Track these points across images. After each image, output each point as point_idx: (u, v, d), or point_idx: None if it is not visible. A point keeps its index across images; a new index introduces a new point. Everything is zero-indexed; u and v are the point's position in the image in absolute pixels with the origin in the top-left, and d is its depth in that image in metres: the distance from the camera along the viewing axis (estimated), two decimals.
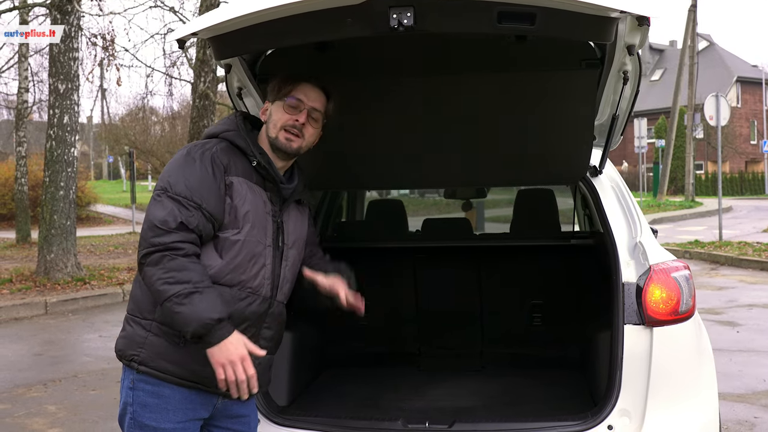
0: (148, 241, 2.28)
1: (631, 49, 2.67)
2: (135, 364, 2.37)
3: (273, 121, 2.54)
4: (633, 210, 3.37)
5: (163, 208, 2.30)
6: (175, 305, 2.22)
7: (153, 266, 2.26)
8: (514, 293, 4.42)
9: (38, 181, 19.21)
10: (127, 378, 2.41)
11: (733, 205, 30.24)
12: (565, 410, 3.20)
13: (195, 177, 2.35)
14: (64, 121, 11.43)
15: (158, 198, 2.34)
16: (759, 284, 11.42)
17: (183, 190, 2.32)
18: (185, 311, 2.21)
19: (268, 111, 2.58)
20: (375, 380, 4.00)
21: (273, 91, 2.58)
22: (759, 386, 5.96)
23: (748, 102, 52.59)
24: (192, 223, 2.30)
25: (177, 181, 2.34)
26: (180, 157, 2.42)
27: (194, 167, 2.37)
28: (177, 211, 2.29)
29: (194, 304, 2.21)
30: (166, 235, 2.27)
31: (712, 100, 16.64)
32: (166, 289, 2.22)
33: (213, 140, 2.48)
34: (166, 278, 2.23)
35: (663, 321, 2.83)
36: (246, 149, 2.47)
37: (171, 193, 2.32)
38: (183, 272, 2.24)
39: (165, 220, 2.28)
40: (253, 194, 2.46)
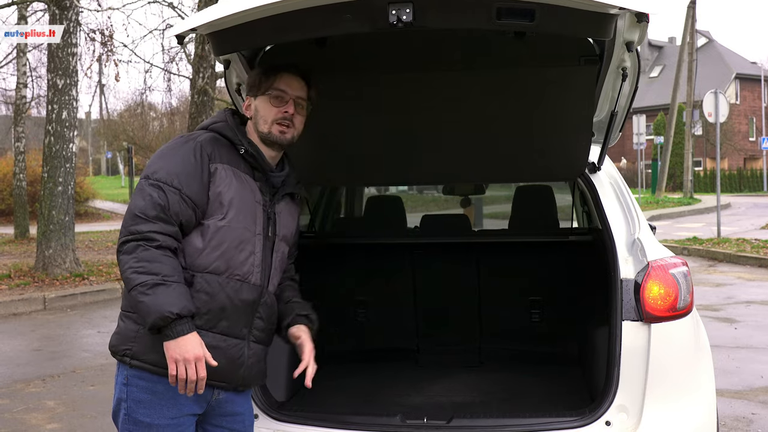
0: (127, 229, 2.32)
1: (629, 46, 2.68)
2: (127, 358, 2.38)
3: (262, 117, 2.55)
4: (631, 206, 3.37)
5: (144, 196, 2.34)
6: (139, 294, 2.24)
7: (127, 254, 2.29)
8: (513, 289, 4.43)
9: (37, 176, 19.19)
10: (121, 374, 2.41)
11: (731, 202, 30.25)
12: (563, 406, 3.20)
13: (176, 163, 2.39)
14: (63, 116, 11.41)
15: (140, 187, 2.38)
16: (757, 281, 11.43)
17: (163, 176, 2.36)
18: (147, 301, 2.23)
19: (252, 107, 2.59)
20: (373, 376, 4.01)
21: (253, 86, 2.59)
22: (757, 383, 5.97)
23: (747, 99, 52.59)
24: (172, 208, 2.33)
25: (158, 168, 2.38)
26: (164, 147, 2.48)
27: (177, 155, 2.41)
28: (157, 198, 2.32)
29: (157, 295, 2.23)
30: (143, 223, 2.30)
31: (711, 96, 16.64)
32: (134, 277, 2.25)
33: (200, 131, 2.52)
34: (137, 267, 2.26)
35: (661, 317, 2.84)
36: (233, 138, 2.50)
37: (152, 180, 2.36)
38: (154, 264, 2.26)
39: (144, 208, 2.32)
40: (239, 181, 2.47)
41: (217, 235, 2.41)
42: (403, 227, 4.92)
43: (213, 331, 2.39)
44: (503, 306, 4.43)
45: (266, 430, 2.98)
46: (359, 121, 3.34)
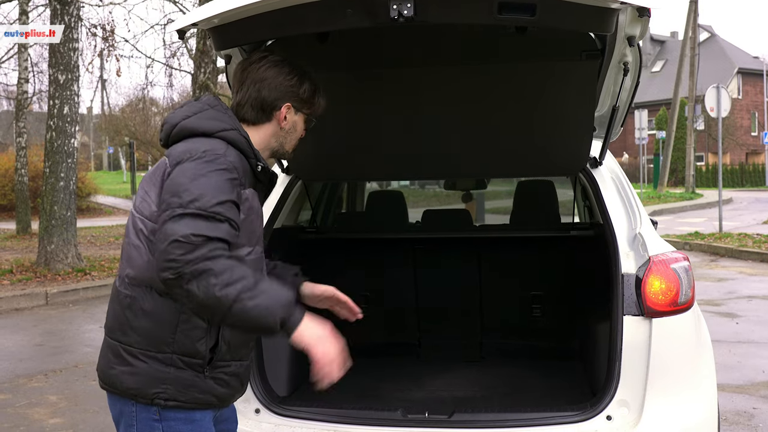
0: (177, 260, 1.96)
1: (631, 41, 2.67)
2: (160, 401, 2.14)
3: (295, 135, 2.36)
4: (633, 201, 3.37)
5: (188, 225, 1.99)
6: (247, 301, 1.96)
7: (196, 279, 1.96)
8: (514, 284, 4.43)
9: (38, 171, 19.20)
10: (148, 410, 2.17)
11: (733, 197, 30.24)
12: (564, 400, 3.21)
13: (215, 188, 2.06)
14: (64, 111, 11.41)
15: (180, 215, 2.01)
16: (759, 276, 11.43)
17: (207, 204, 2.02)
18: (261, 301, 1.98)
19: (290, 121, 2.32)
20: (375, 371, 4.01)
21: (305, 101, 2.32)
22: (758, 377, 5.97)
23: (749, 93, 52.50)
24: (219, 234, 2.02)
25: (199, 193, 2.04)
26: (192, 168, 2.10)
27: (212, 177, 2.08)
28: (204, 228, 2.00)
29: (266, 291, 1.99)
30: (198, 249, 1.97)
31: (713, 91, 16.62)
32: (228, 292, 1.95)
33: (216, 143, 2.17)
34: (222, 282, 1.96)
35: (662, 312, 2.84)
36: (249, 153, 2.22)
37: (194, 208, 2.02)
38: (235, 269, 1.98)
39: (195, 232, 1.98)
40: (258, 203, 2.27)
41: None
42: (405, 222, 4.93)
43: (236, 360, 2.27)
44: (504, 301, 4.43)
45: (268, 424, 2.99)
46: (361, 116, 3.34)
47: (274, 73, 2.28)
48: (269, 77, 2.28)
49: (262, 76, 2.28)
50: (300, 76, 2.31)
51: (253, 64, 2.30)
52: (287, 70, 2.29)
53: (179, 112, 2.28)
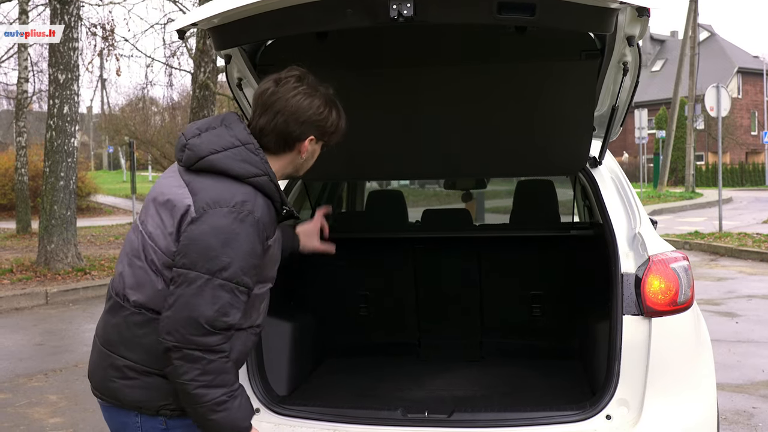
0: (185, 337, 2.02)
1: (630, 40, 2.68)
2: (167, 411, 2.19)
3: (312, 161, 2.35)
4: (632, 201, 3.37)
5: (213, 301, 2.03)
6: (209, 412, 2.06)
7: (187, 362, 2.04)
8: (514, 284, 4.43)
9: (38, 171, 19.20)
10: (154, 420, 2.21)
11: (733, 197, 30.24)
12: (564, 400, 3.21)
13: (244, 254, 2.07)
14: (64, 111, 11.42)
15: (205, 283, 2.03)
16: (758, 275, 11.43)
17: (235, 274, 2.05)
18: (220, 419, 2.07)
19: (310, 150, 2.29)
20: (375, 370, 4.02)
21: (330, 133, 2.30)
22: (758, 377, 5.98)
23: (749, 93, 52.50)
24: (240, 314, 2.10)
25: (227, 262, 2.04)
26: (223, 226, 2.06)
27: (240, 239, 2.06)
28: (227, 307, 2.05)
29: (230, 411, 2.08)
30: (209, 336, 2.04)
31: (713, 90, 16.62)
32: (203, 393, 2.04)
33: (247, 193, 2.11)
34: (203, 381, 2.04)
35: (661, 311, 2.84)
36: (276, 198, 2.20)
37: (222, 279, 2.04)
38: (222, 376, 2.06)
39: (212, 321, 2.03)
40: (280, 245, 2.32)
41: (255, 301, 2.24)
42: (405, 222, 4.93)
43: None
44: (504, 300, 4.43)
45: (267, 424, 2.99)
46: (360, 115, 3.34)
47: (306, 105, 2.20)
48: (300, 109, 2.20)
49: (292, 108, 2.19)
50: (329, 108, 2.26)
51: (284, 91, 2.19)
52: (318, 102, 2.22)
53: (206, 143, 2.16)
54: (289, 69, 2.24)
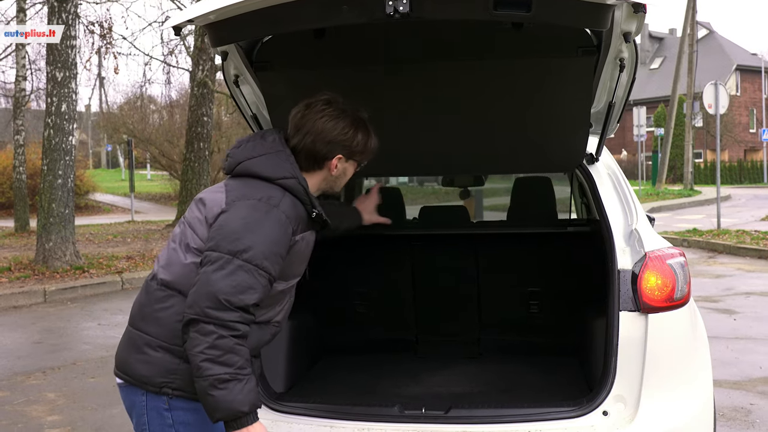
0: (203, 310, 2.15)
1: (627, 37, 2.67)
2: (168, 390, 2.28)
3: (344, 179, 2.52)
4: (629, 197, 3.38)
5: (231, 278, 2.17)
6: (210, 387, 2.13)
7: (200, 335, 2.14)
8: (511, 281, 4.43)
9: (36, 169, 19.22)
10: (158, 400, 2.30)
11: (731, 194, 30.25)
12: (561, 396, 3.21)
13: (266, 240, 2.22)
14: (62, 109, 11.41)
15: (226, 261, 2.18)
16: (757, 272, 11.45)
17: (255, 257, 2.19)
18: (218, 396, 2.13)
19: (341, 168, 2.46)
20: (372, 367, 4.02)
21: (359, 152, 2.47)
22: (755, 373, 5.99)
23: (748, 90, 52.52)
24: (257, 297, 2.20)
25: (249, 245, 2.20)
26: (246, 215, 2.25)
27: (264, 228, 2.24)
28: (245, 286, 2.17)
29: (229, 391, 2.13)
30: (225, 311, 2.15)
31: (711, 88, 16.63)
32: (207, 367, 2.12)
33: (273, 191, 2.31)
34: (210, 355, 2.13)
35: (658, 308, 2.84)
36: (306, 201, 2.37)
37: (242, 260, 2.19)
38: (229, 354, 2.14)
39: (229, 296, 2.15)
40: (310, 245, 2.44)
41: (273, 297, 2.36)
42: (402, 219, 4.93)
43: None
44: (502, 297, 4.44)
45: (265, 420, 2.96)
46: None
47: (330, 126, 2.40)
48: (326, 130, 2.39)
49: (319, 128, 2.39)
50: (355, 129, 2.44)
51: (312, 114, 2.41)
52: (343, 124, 2.41)
53: (243, 151, 2.40)
54: (321, 94, 2.45)
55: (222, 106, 24.54)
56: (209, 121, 16.48)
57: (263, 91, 3.18)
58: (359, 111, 2.48)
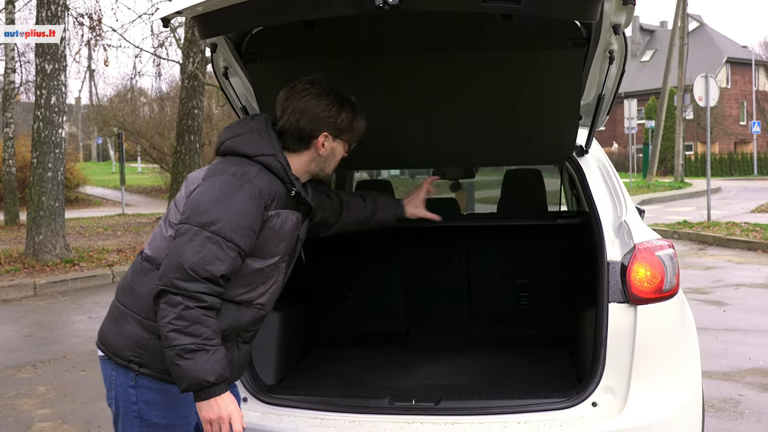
0: (171, 281, 2.18)
1: (616, 29, 2.67)
2: (135, 365, 2.31)
3: (335, 159, 2.54)
4: (618, 190, 3.38)
5: (198, 249, 2.20)
6: (176, 356, 2.16)
7: (169, 306, 2.18)
8: (502, 273, 4.44)
9: (26, 162, 19.10)
10: (125, 376, 2.34)
11: (722, 186, 30.38)
12: (550, 388, 3.23)
13: (235, 213, 2.25)
14: (52, 101, 11.35)
15: (194, 235, 2.21)
16: (746, 264, 11.50)
17: (222, 229, 2.22)
18: (184, 366, 2.16)
19: (329, 148, 2.50)
20: (363, 359, 4.03)
21: (345, 129, 2.50)
22: (744, 364, 6.02)
23: (738, 83, 52.68)
24: (225, 268, 2.21)
25: (217, 217, 2.23)
26: (217, 188, 2.29)
27: (234, 201, 2.26)
28: (212, 257, 2.19)
29: (195, 361, 2.15)
30: (192, 282, 2.18)
31: (702, 80, 16.67)
32: (174, 337, 2.16)
33: (250, 166, 2.35)
34: (177, 325, 2.16)
35: (647, 299, 2.85)
36: (285, 178, 2.39)
37: (210, 231, 2.22)
38: (195, 325, 2.16)
39: (195, 267, 2.18)
40: (289, 224, 2.42)
41: (251, 275, 2.37)
42: None
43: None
44: (492, 289, 4.44)
45: (255, 413, 3.00)
46: None
47: (313, 104, 2.44)
48: (309, 108, 2.44)
49: (302, 106, 2.44)
50: (339, 106, 2.47)
51: (296, 94, 2.45)
52: (326, 101, 2.45)
53: (230, 130, 2.47)
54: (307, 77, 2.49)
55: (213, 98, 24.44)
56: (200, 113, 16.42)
57: (252, 83, 3.17)
58: (345, 93, 2.52)
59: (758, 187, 30.28)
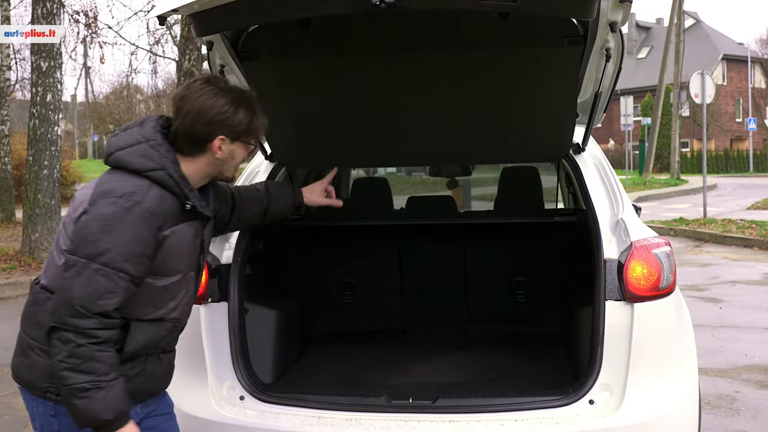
0: (62, 318, 2.09)
1: (613, 26, 2.68)
2: (51, 395, 2.23)
3: (234, 162, 2.37)
4: (615, 187, 3.39)
5: (87, 284, 2.09)
6: (70, 395, 2.10)
7: (60, 342, 2.10)
8: (498, 270, 4.44)
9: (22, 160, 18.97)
10: (44, 405, 2.26)
11: (717, 183, 30.41)
12: (548, 386, 3.23)
13: (124, 240, 2.11)
14: (47, 99, 11.32)
15: (82, 269, 2.10)
16: (742, 261, 11.52)
17: (113, 259, 2.10)
18: (80, 405, 2.10)
19: (227, 151, 2.32)
20: (360, 357, 4.02)
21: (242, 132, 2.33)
22: (740, 361, 6.03)
23: (734, 80, 52.71)
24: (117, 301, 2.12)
25: (105, 247, 2.10)
26: (105, 214, 2.13)
27: (123, 227, 2.12)
28: (102, 291, 2.09)
29: (90, 400, 2.09)
30: (82, 319, 2.09)
31: (698, 77, 16.67)
32: (67, 376, 2.09)
33: (138, 185, 2.19)
34: (70, 364, 2.09)
35: (644, 297, 2.86)
36: (178, 192, 2.24)
37: (98, 264, 2.10)
38: (89, 362, 2.09)
39: (85, 303, 2.08)
40: (187, 238, 2.30)
41: (157, 293, 2.28)
42: (390, 209, 4.92)
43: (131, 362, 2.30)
44: (489, 287, 4.44)
45: (252, 411, 2.99)
46: (344, 102, 3.33)
47: (209, 105, 2.26)
48: (204, 110, 2.26)
49: (197, 108, 2.26)
50: (235, 107, 2.29)
51: (190, 94, 2.28)
52: (222, 102, 2.27)
53: (117, 141, 2.27)
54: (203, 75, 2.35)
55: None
56: None
57: (249, 81, 3.17)
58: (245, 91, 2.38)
59: (754, 184, 30.31)
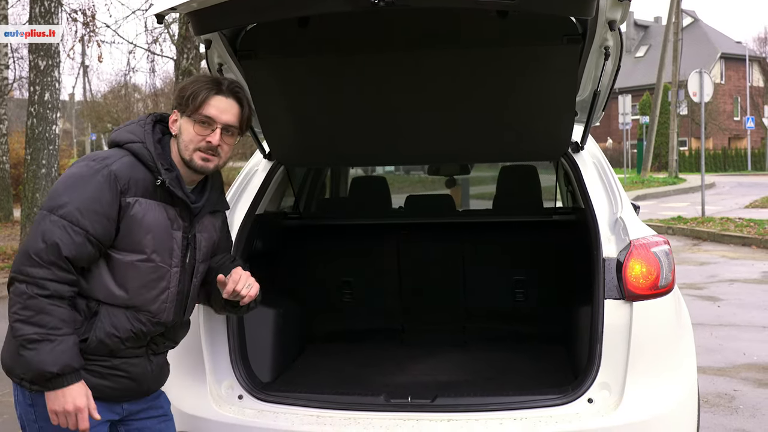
0: (18, 267, 2.16)
1: (612, 25, 2.68)
2: (26, 383, 2.24)
3: (184, 141, 2.35)
4: (614, 186, 3.39)
5: (43, 235, 2.15)
6: (20, 347, 2.15)
7: (15, 296, 2.16)
8: (497, 269, 4.44)
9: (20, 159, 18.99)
10: (23, 394, 2.29)
11: (716, 182, 30.43)
12: (546, 384, 3.23)
13: (85, 198, 2.18)
14: (45, 98, 11.30)
15: (41, 220, 2.18)
16: (740, 259, 11.53)
17: (69, 213, 2.17)
18: (27, 356, 2.13)
19: (178, 125, 2.37)
20: (358, 356, 4.02)
21: (180, 103, 2.36)
22: (739, 360, 6.03)
23: (732, 78, 52.75)
24: (72, 253, 2.15)
25: (64, 202, 2.18)
26: (72, 174, 2.24)
27: (86, 187, 2.20)
28: (57, 241, 2.14)
29: (38, 352, 2.12)
30: (36, 267, 2.14)
31: (696, 76, 16.67)
32: (18, 327, 2.14)
33: (115, 152, 2.30)
34: (21, 316, 2.14)
35: (643, 295, 2.86)
36: (152, 166, 2.28)
37: (57, 216, 2.17)
38: (40, 315, 2.13)
39: (39, 251, 2.14)
40: (155, 215, 2.29)
41: (128, 272, 2.27)
42: (388, 208, 4.92)
43: (118, 357, 2.31)
44: (488, 285, 4.44)
45: (251, 410, 2.99)
46: (343, 101, 3.33)
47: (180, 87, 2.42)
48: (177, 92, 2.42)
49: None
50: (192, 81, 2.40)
51: None
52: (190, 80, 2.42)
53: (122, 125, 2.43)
54: None
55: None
56: None
57: (247, 80, 3.16)
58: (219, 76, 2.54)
59: (752, 183, 30.34)
